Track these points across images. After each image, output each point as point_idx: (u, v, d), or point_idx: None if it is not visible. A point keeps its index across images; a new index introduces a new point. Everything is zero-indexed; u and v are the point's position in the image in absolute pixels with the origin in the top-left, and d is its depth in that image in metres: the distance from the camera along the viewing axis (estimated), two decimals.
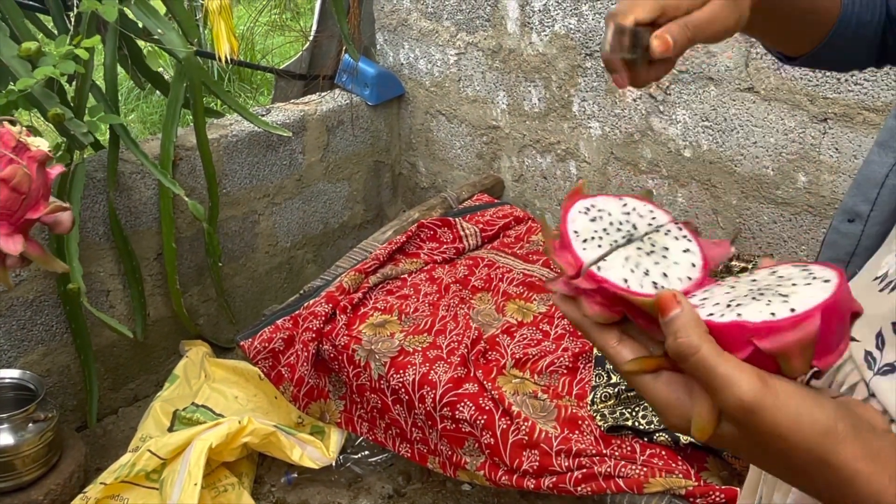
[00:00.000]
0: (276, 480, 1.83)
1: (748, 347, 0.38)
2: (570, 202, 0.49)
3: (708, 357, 0.37)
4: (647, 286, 0.43)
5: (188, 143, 1.96)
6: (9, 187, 0.54)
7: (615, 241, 0.46)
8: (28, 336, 1.80)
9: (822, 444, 0.37)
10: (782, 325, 0.38)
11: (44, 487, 1.63)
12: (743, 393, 0.37)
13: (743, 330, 0.38)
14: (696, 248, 0.47)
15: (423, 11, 2.30)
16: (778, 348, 0.38)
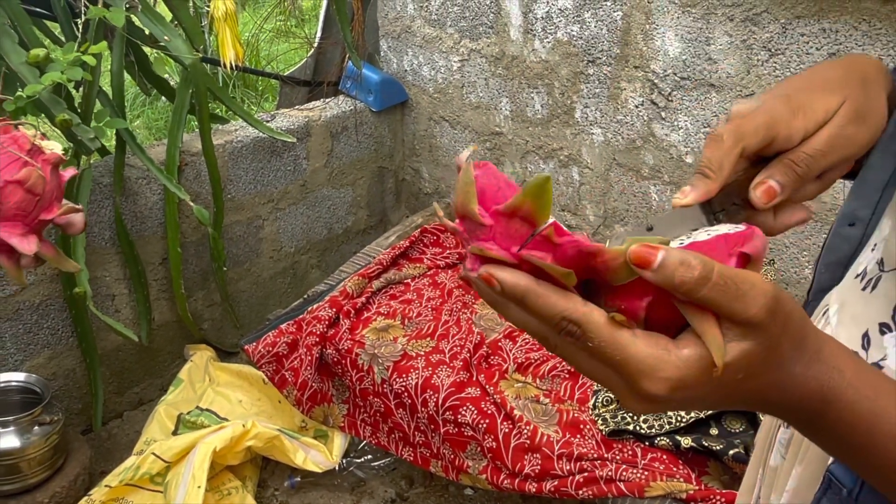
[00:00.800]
0: (279, 484, 1.83)
1: (732, 258, 0.39)
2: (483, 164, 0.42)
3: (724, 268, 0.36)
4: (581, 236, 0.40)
5: (193, 148, 1.98)
6: (24, 189, 0.55)
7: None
8: (34, 340, 1.81)
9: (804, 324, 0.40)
10: (748, 234, 0.40)
11: (49, 490, 1.64)
12: (767, 288, 0.37)
13: (728, 240, 0.40)
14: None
15: (426, 18, 2.31)
16: (755, 250, 0.40)
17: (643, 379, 0.37)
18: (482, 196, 0.40)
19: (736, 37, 1.67)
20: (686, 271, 0.36)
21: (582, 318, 0.37)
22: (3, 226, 0.56)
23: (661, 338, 0.38)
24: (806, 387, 0.39)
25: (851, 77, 0.51)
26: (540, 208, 0.38)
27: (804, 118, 0.48)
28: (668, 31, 1.78)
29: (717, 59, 1.72)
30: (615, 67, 1.92)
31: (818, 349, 0.40)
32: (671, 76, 1.81)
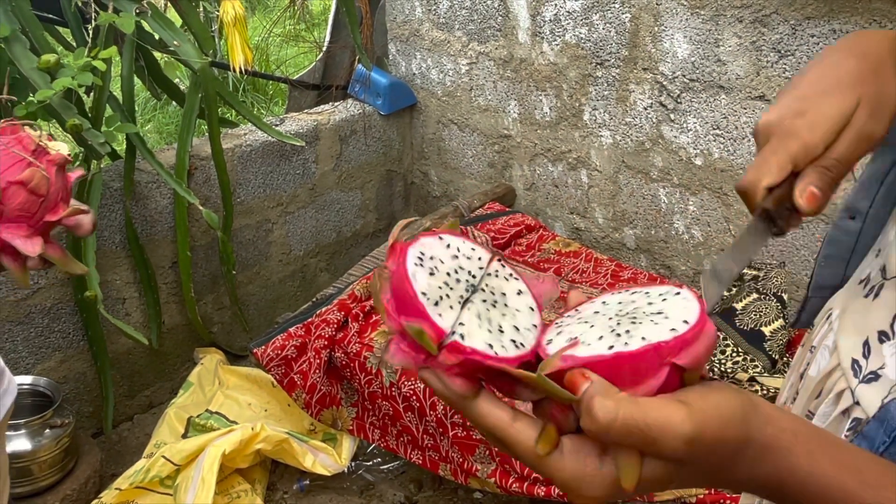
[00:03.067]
0: (288, 487, 1.84)
1: (664, 369, 0.37)
2: (401, 252, 0.42)
3: (630, 415, 0.35)
4: (509, 346, 0.40)
5: (203, 152, 1.99)
6: (27, 190, 0.55)
7: (461, 296, 0.42)
8: (45, 343, 1.82)
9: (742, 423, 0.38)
10: (690, 337, 0.37)
11: (60, 493, 1.65)
12: (680, 430, 0.36)
13: (659, 351, 0.37)
14: (525, 287, 0.46)
15: (434, 22, 2.32)
16: (692, 362, 0.37)
17: (570, 494, 0.38)
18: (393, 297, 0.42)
19: (745, 38, 1.66)
20: (590, 422, 0.36)
21: (509, 439, 0.39)
22: (7, 227, 0.56)
23: (589, 454, 0.38)
24: (756, 481, 0.40)
25: (864, 69, 0.51)
26: (428, 345, 0.40)
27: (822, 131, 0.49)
28: (676, 32, 1.77)
29: (727, 61, 1.71)
30: (623, 69, 1.91)
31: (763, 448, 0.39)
32: (680, 78, 1.81)
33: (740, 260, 0.50)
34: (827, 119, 0.49)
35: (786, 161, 0.48)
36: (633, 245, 2.08)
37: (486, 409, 0.39)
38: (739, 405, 0.38)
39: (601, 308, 0.43)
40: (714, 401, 0.37)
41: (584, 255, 1.99)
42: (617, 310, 0.42)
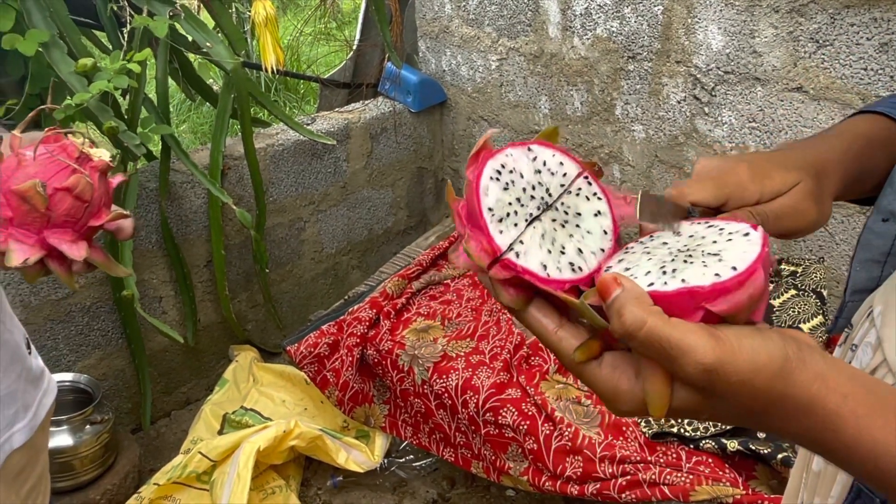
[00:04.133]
0: (322, 483, 1.85)
1: (699, 312, 0.38)
2: (481, 163, 0.44)
3: (656, 328, 0.36)
4: (565, 268, 0.42)
5: (236, 152, 2.01)
6: (72, 196, 0.57)
7: (530, 214, 0.44)
8: (85, 341, 1.86)
9: (780, 377, 0.37)
10: (731, 285, 0.37)
11: (101, 487, 1.69)
12: (701, 356, 0.36)
13: (694, 296, 0.38)
14: (606, 209, 0.46)
15: (464, 18, 2.31)
16: (730, 308, 0.37)
17: (606, 404, 0.41)
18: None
19: (781, 28, 1.63)
20: (618, 325, 0.37)
21: (552, 346, 0.41)
22: (54, 233, 0.57)
23: (625, 371, 0.40)
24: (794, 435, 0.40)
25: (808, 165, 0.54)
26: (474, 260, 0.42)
27: (760, 184, 0.51)
28: (710, 24, 1.74)
29: (763, 52, 1.68)
30: (656, 63, 1.89)
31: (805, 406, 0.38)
32: (714, 70, 1.77)
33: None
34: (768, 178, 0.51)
35: (721, 190, 0.49)
36: None
37: (534, 317, 0.42)
38: (781, 358, 0.37)
39: (670, 239, 0.44)
40: (750, 344, 0.37)
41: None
42: (683, 244, 0.42)
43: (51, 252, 0.58)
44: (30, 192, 0.55)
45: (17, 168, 0.57)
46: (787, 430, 0.39)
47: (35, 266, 0.58)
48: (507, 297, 0.42)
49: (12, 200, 0.56)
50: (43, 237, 0.57)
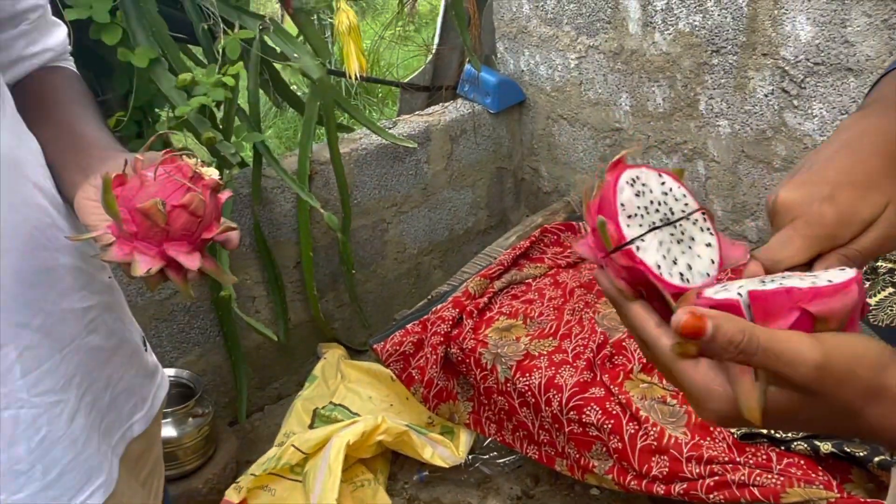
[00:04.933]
0: (409, 478, 1.90)
1: (794, 312, 0.40)
2: (618, 171, 0.49)
3: (769, 343, 0.38)
4: (675, 276, 0.45)
5: (322, 157, 2.08)
6: (188, 212, 0.62)
7: (654, 222, 0.48)
8: (186, 339, 1.98)
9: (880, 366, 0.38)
10: (826, 291, 0.39)
11: (202, 477, 1.79)
12: (809, 356, 0.37)
13: (790, 295, 0.40)
14: (716, 244, 0.49)
15: (542, 18, 2.32)
16: (824, 311, 0.39)
17: (695, 405, 0.42)
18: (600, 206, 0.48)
19: (876, 17, 1.56)
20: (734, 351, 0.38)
21: (649, 341, 0.43)
22: (172, 245, 0.63)
23: (719, 373, 0.40)
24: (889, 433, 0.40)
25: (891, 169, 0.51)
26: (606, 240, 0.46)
27: (850, 226, 0.49)
28: (798, 14, 1.69)
29: (855, 42, 1.62)
30: (741, 56, 1.84)
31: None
32: (803, 62, 1.72)
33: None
34: (857, 214, 0.49)
35: (811, 247, 0.49)
36: (756, 237, 2.00)
37: (638, 312, 0.45)
38: (877, 350, 0.39)
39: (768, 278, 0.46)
40: (846, 339, 0.39)
41: None
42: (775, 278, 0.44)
43: (169, 263, 0.64)
44: (152, 209, 0.61)
45: (141, 188, 0.63)
46: (885, 428, 0.39)
47: (156, 276, 0.64)
48: (618, 287, 0.46)
49: (136, 217, 0.62)
50: (163, 249, 0.63)
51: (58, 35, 0.82)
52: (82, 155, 0.72)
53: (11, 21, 0.76)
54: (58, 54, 0.82)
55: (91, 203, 0.65)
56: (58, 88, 0.80)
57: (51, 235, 0.70)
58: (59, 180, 0.73)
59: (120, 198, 0.62)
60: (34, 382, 0.69)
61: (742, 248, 0.49)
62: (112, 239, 0.63)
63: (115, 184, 0.62)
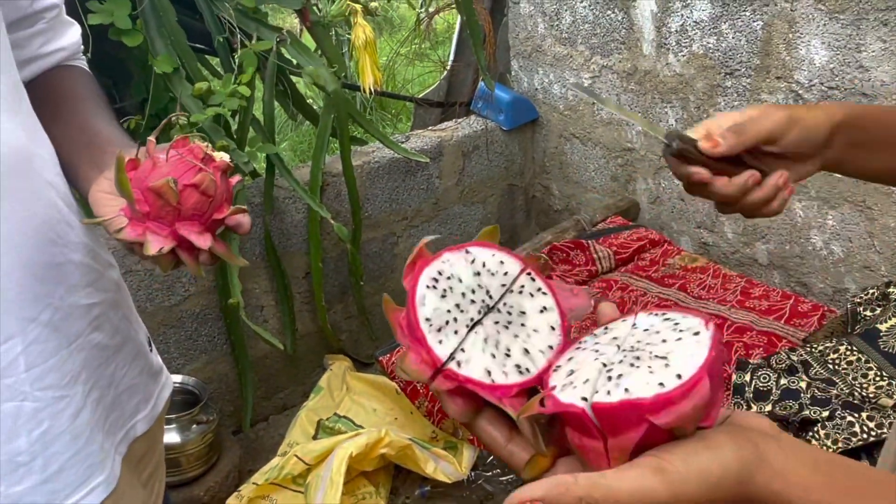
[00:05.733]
0: (410, 492, 1.89)
1: (643, 425, 0.36)
2: (417, 272, 0.44)
3: (607, 499, 0.36)
4: (511, 371, 0.41)
5: (334, 169, 2.10)
6: (199, 192, 0.63)
7: (471, 319, 0.42)
8: (194, 346, 1.99)
9: (740, 483, 0.37)
10: (675, 396, 0.36)
11: (204, 484, 1.79)
12: (659, 499, 0.36)
13: (637, 408, 0.36)
14: (552, 303, 0.44)
15: (557, 37, 2.33)
16: (675, 420, 0.36)
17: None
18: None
19: (891, 42, 1.56)
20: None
21: (504, 459, 0.41)
22: (183, 225, 0.64)
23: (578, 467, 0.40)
24: None
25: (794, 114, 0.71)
26: (412, 375, 0.42)
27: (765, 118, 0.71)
28: (813, 38, 1.70)
29: (870, 67, 1.62)
30: (755, 79, 1.85)
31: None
32: (817, 86, 1.72)
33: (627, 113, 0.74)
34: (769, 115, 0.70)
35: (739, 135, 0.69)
36: (766, 261, 1.99)
37: (484, 429, 0.41)
38: (737, 465, 0.37)
39: (623, 333, 0.42)
40: (699, 464, 0.37)
41: (711, 271, 1.93)
42: (636, 339, 0.41)
43: (181, 243, 0.65)
44: (164, 188, 0.62)
45: (153, 169, 0.64)
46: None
47: (168, 255, 0.65)
48: (454, 409, 0.41)
49: (149, 197, 0.63)
50: (174, 229, 0.64)
51: (72, 34, 0.84)
52: (96, 150, 0.73)
53: (29, 20, 0.77)
54: (71, 53, 0.84)
55: (105, 195, 0.66)
56: (72, 86, 0.81)
57: (61, 231, 0.71)
58: (72, 176, 0.74)
59: (133, 179, 0.63)
60: (39, 376, 0.69)
61: (584, 295, 0.46)
62: (125, 222, 0.64)
63: (128, 167, 0.63)
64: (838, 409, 1.36)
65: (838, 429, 1.33)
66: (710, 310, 1.78)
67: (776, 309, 1.74)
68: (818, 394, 1.41)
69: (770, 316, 1.72)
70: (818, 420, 1.35)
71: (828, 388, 1.42)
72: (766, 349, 1.61)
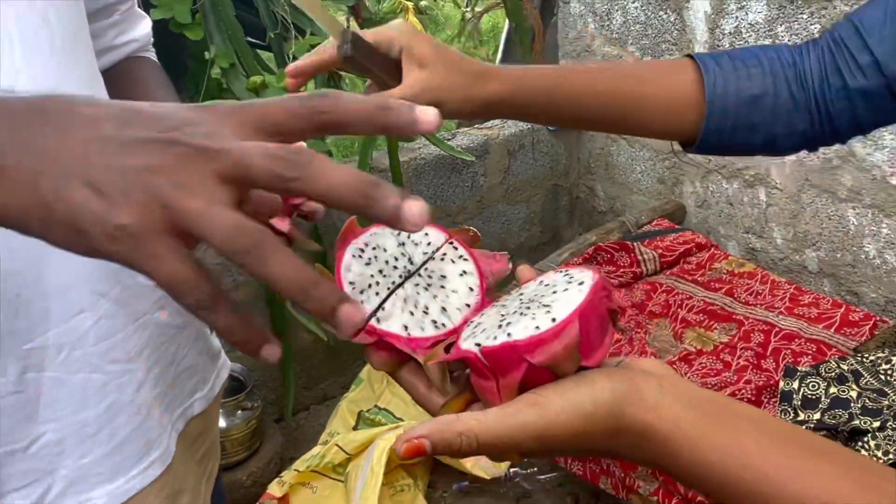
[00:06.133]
0: (447, 487, 1.91)
1: (522, 364, 0.39)
2: (343, 244, 0.47)
3: (485, 434, 0.39)
4: (428, 326, 0.44)
5: (381, 165, 2.12)
6: None
7: (392, 283, 0.46)
8: None
9: (611, 416, 0.39)
10: (546, 337, 0.39)
11: (247, 469, 1.83)
12: (531, 429, 0.39)
13: (515, 349, 0.39)
14: (472, 268, 0.48)
15: (607, 37, 2.32)
16: (548, 359, 0.39)
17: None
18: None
19: None
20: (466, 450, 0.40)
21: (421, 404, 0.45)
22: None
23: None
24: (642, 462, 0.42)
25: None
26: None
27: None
28: None
29: None
30: None
31: (638, 436, 0.40)
32: None
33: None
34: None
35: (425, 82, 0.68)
36: (816, 268, 1.96)
37: (405, 378, 0.45)
38: (609, 397, 0.39)
39: (529, 290, 0.46)
40: (571, 399, 0.39)
41: (759, 277, 1.90)
42: (535, 293, 0.44)
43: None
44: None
45: None
46: (636, 458, 0.41)
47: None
48: (378, 361, 0.45)
49: None
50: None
51: (144, 27, 0.87)
52: None
53: (105, 11, 0.81)
54: (142, 45, 0.87)
55: None
56: (144, 76, 0.85)
57: None
58: None
59: None
60: (107, 349, 0.72)
61: (502, 259, 0.49)
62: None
63: None
64: (890, 419, 1.33)
65: (889, 440, 1.30)
66: (758, 316, 1.75)
67: (826, 317, 1.71)
68: (869, 404, 1.38)
69: (820, 324, 1.69)
70: (868, 430, 1.33)
71: (879, 399, 1.39)
72: (814, 357, 1.58)
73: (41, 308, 0.66)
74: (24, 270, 0.64)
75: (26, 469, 0.68)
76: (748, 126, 0.74)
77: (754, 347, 1.66)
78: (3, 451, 0.67)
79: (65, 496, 0.70)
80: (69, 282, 0.67)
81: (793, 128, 0.73)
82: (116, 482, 0.73)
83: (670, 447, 0.40)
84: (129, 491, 0.74)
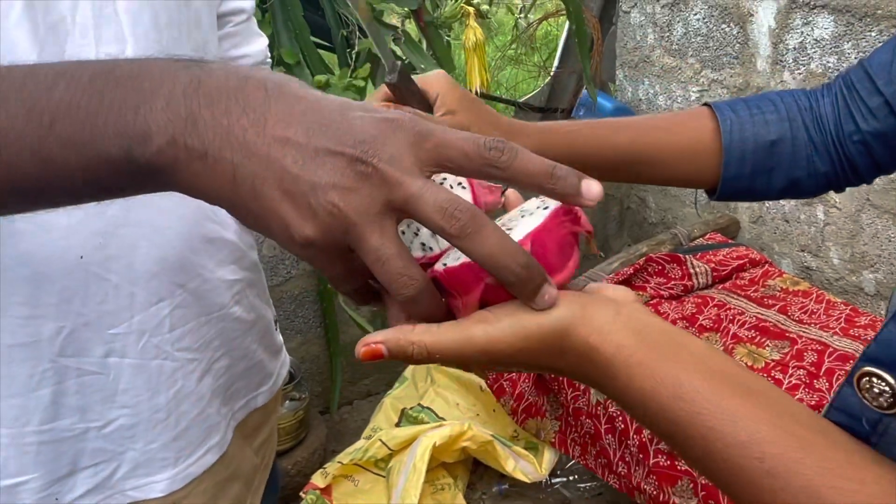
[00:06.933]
0: (487, 488, 1.92)
1: (480, 283, 0.42)
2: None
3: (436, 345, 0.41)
4: (416, 249, 0.47)
5: None
6: None
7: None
8: (291, 326, 2.08)
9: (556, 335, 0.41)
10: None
11: (292, 458, 1.87)
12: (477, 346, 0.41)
13: (472, 269, 0.41)
14: (469, 197, 0.49)
15: (667, 48, 2.31)
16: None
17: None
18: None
19: None
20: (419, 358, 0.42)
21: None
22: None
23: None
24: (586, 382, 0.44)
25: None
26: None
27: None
28: None
29: None
30: None
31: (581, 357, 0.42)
32: None
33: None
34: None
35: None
36: (873, 290, 1.92)
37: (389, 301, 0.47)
38: (554, 318, 0.41)
39: (507, 216, 0.48)
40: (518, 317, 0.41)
41: (814, 296, 1.87)
42: (507, 219, 0.47)
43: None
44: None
45: None
46: (577, 376, 0.43)
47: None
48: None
49: None
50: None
51: (259, 43, 0.89)
52: None
53: (218, 21, 0.83)
54: (257, 61, 0.90)
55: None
56: None
57: (218, 209, 0.77)
58: None
59: None
60: (179, 338, 0.75)
61: (495, 192, 0.50)
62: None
63: None
64: None
65: None
66: (812, 335, 1.73)
67: None
68: None
69: None
70: None
71: None
72: None
73: (128, 294, 0.70)
74: (120, 256, 0.68)
75: (97, 448, 0.71)
76: (767, 171, 0.74)
77: (807, 367, 1.63)
78: (79, 427, 0.70)
79: (129, 479, 0.73)
80: (155, 271, 0.71)
81: (815, 170, 0.74)
82: (178, 467, 0.76)
83: (610, 370, 0.41)
84: (189, 476, 0.77)
